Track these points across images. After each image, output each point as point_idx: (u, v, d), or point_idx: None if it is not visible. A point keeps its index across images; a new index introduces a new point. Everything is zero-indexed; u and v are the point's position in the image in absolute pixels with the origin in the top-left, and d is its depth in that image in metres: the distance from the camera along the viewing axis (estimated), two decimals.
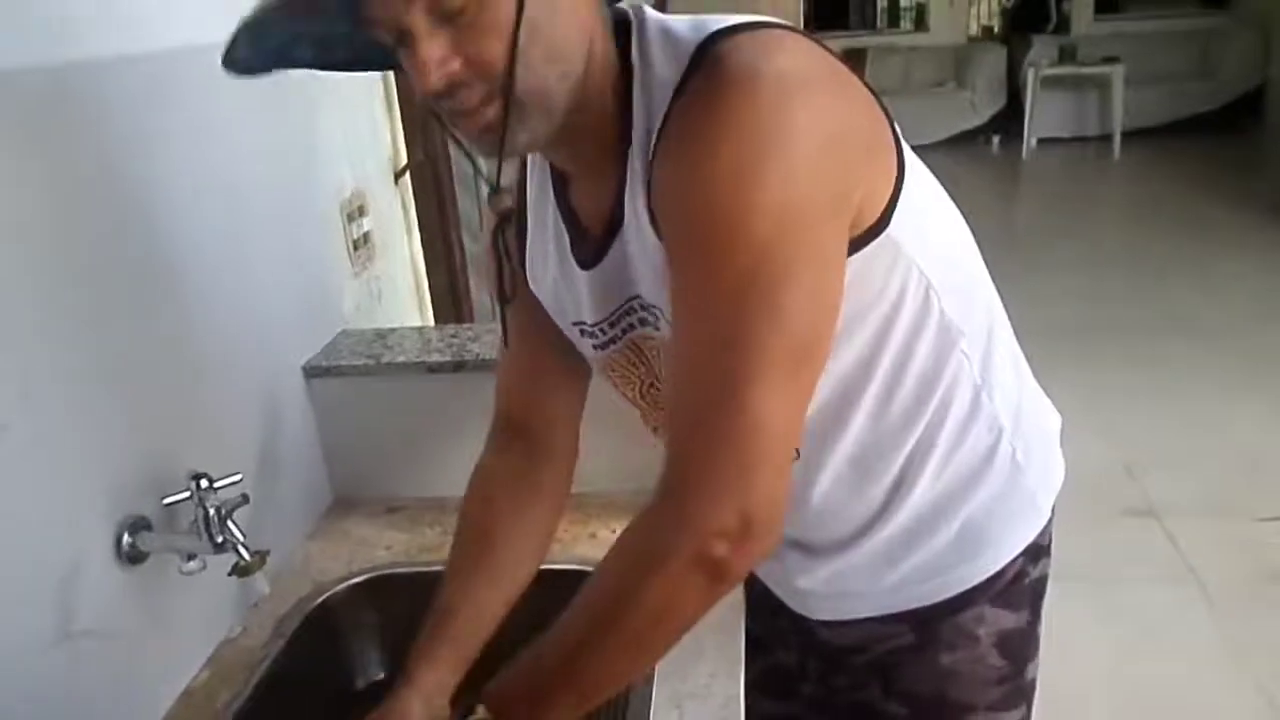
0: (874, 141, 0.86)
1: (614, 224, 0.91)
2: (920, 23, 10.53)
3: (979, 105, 9.48)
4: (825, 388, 0.94)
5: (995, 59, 9.56)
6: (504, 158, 0.85)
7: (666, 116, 0.81)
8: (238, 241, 1.32)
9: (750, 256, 0.76)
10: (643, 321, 0.97)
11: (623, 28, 0.88)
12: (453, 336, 1.62)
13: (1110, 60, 8.72)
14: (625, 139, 0.87)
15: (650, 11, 0.89)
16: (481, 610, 1.06)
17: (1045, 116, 9.10)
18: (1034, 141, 9.14)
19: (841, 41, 9.87)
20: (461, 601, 1.06)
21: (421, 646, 1.04)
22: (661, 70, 0.84)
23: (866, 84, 0.88)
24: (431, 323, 2.13)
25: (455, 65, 0.78)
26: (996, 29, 10.46)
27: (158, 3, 1.17)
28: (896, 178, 0.87)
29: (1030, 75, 8.89)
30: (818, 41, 0.86)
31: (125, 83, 1.11)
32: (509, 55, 0.77)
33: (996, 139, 9.55)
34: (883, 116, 0.88)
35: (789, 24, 0.86)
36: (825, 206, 0.79)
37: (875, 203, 0.86)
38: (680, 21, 0.86)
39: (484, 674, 0.93)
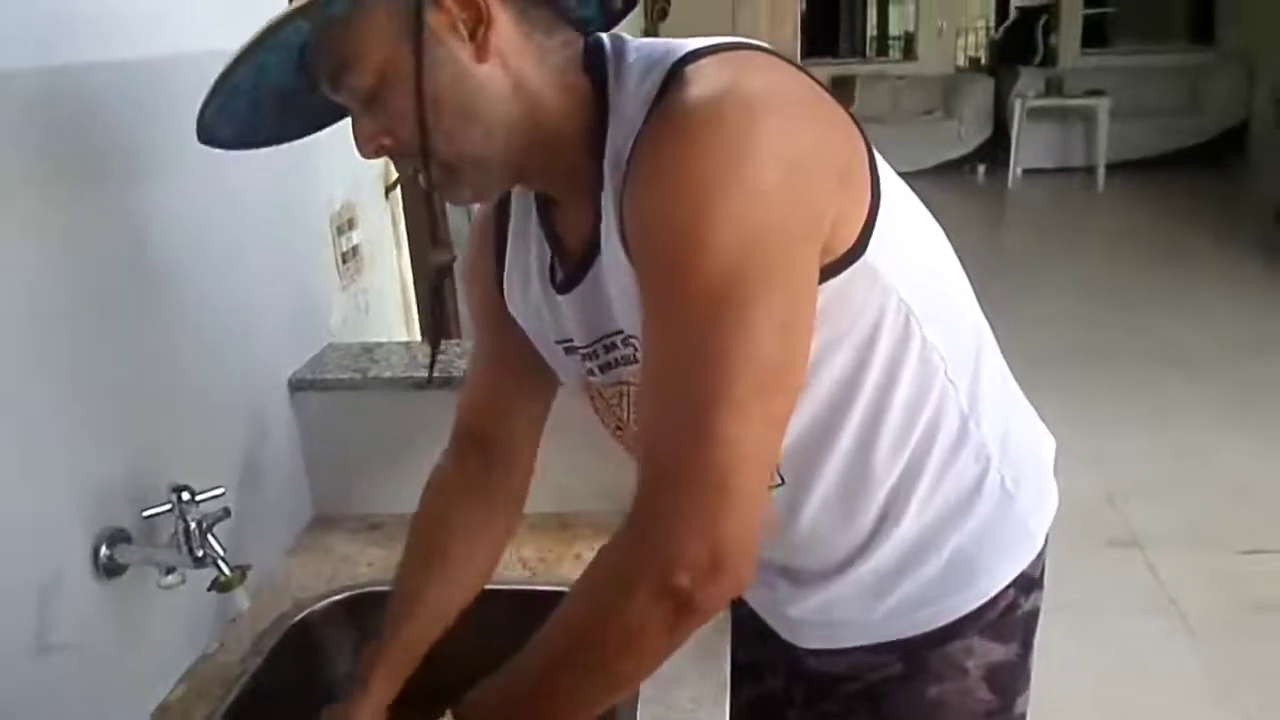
0: (847, 166, 0.85)
1: (592, 251, 0.91)
2: (909, 52, 10.65)
3: (965, 135, 9.57)
4: (807, 414, 0.93)
5: (982, 89, 9.67)
6: (458, 201, 0.92)
7: (635, 142, 0.81)
8: (226, 251, 1.31)
9: (716, 279, 0.75)
10: (622, 360, 0.96)
11: (600, 54, 0.88)
12: (440, 353, 1.60)
13: (1096, 93, 8.83)
14: (601, 166, 0.86)
15: (627, 38, 0.90)
16: (433, 618, 1.08)
17: (1031, 147, 9.19)
18: (1019, 171, 9.23)
19: (830, 69, 9.96)
20: (414, 609, 1.08)
21: (377, 654, 1.06)
22: (634, 95, 0.84)
23: (848, 110, 0.87)
24: (418, 337, 2.12)
25: (385, 140, 0.85)
26: (984, 60, 10.59)
27: (154, 9, 1.16)
28: (871, 203, 0.86)
29: (1017, 106, 8.98)
30: (793, 63, 0.86)
31: (118, 89, 1.10)
32: (420, 132, 0.82)
33: (982, 168, 9.64)
34: (859, 141, 0.87)
35: (764, 45, 0.86)
36: (793, 228, 0.78)
37: (849, 228, 0.85)
38: (656, 45, 0.86)
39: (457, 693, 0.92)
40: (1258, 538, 3.33)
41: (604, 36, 0.90)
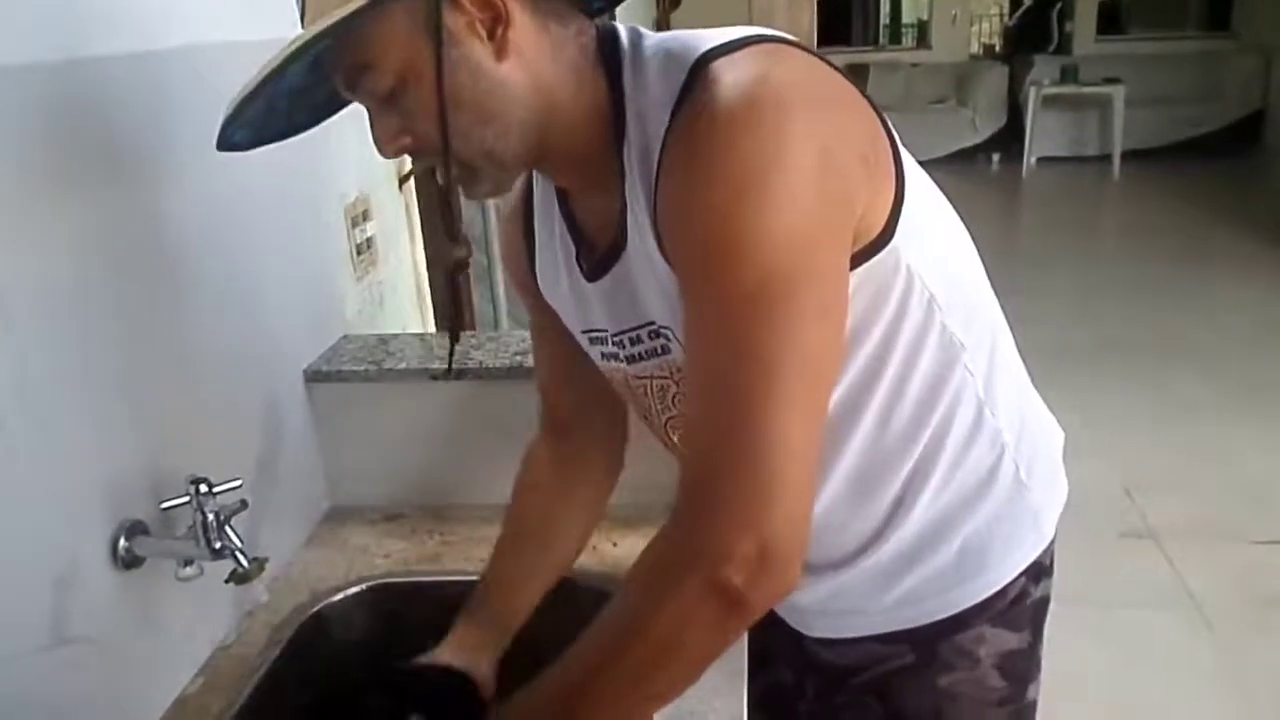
0: (873, 155, 0.85)
1: (617, 242, 0.91)
2: (922, 40, 10.59)
3: (979, 123, 9.51)
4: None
5: (996, 77, 9.59)
6: (476, 196, 0.92)
7: (665, 140, 0.81)
8: (241, 244, 1.31)
9: (757, 277, 0.76)
10: (657, 351, 0.96)
11: (614, 46, 0.88)
12: (456, 344, 1.60)
13: (1111, 80, 8.76)
14: (621, 159, 0.86)
15: (644, 31, 0.90)
16: (527, 590, 1.14)
17: (1045, 136, 9.14)
18: (1033, 160, 9.17)
19: (843, 57, 9.91)
20: (509, 579, 1.14)
21: (467, 615, 1.12)
22: (655, 91, 0.84)
23: (867, 98, 0.88)
24: (432, 329, 2.12)
25: (405, 140, 0.86)
26: (998, 47, 10.51)
27: (164, 1, 1.16)
28: (897, 190, 0.87)
29: (1031, 94, 8.92)
30: (816, 54, 0.85)
31: (131, 82, 1.09)
32: (440, 131, 0.82)
33: (996, 157, 9.57)
34: (882, 130, 0.87)
35: (786, 36, 0.85)
36: (826, 221, 0.79)
37: (876, 215, 0.85)
38: (675, 39, 0.86)
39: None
40: (1274, 528, 3.31)
41: (619, 27, 0.90)
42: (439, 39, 0.80)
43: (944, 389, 0.96)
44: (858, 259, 0.85)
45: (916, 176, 0.91)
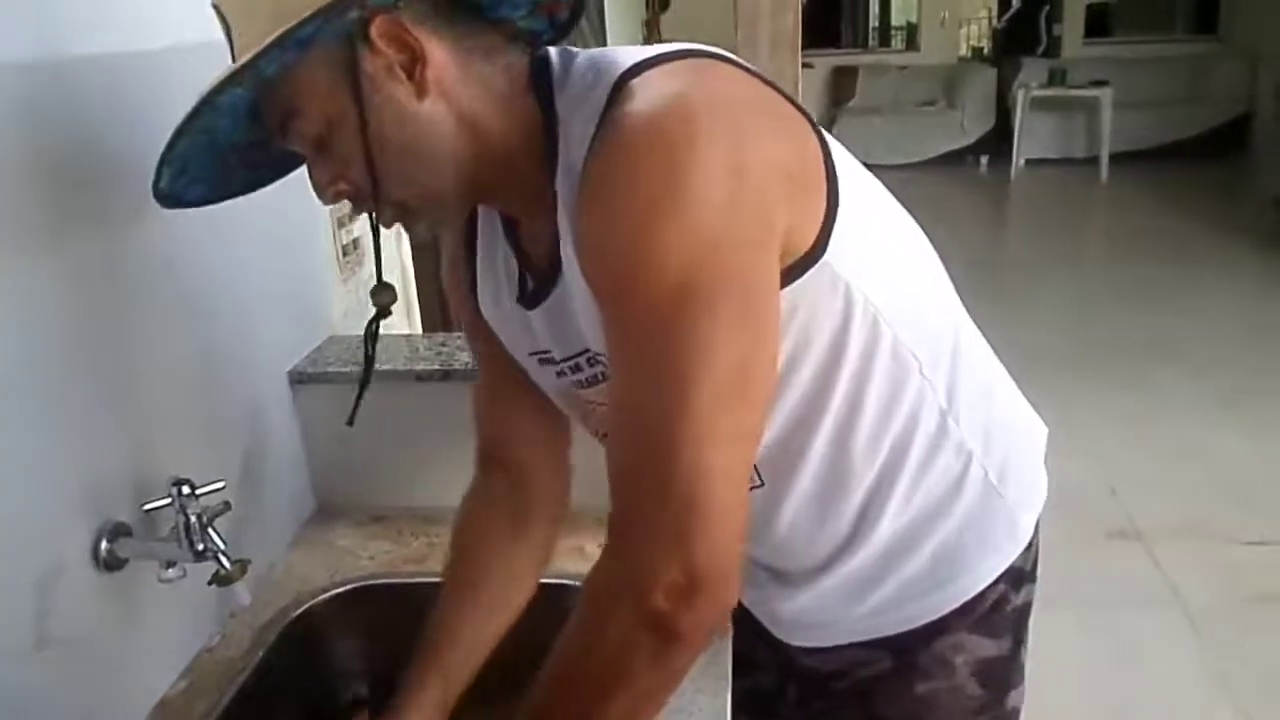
0: (800, 169, 0.83)
1: (555, 267, 0.90)
2: (911, 42, 10.61)
3: (968, 125, 9.54)
4: (781, 416, 0.93)
5: (985, 80, 9.63)
6: (417, 235, 0.93)
7: (585, 163, 0.80)
8: (226, 244, 1.30)
9: (664, 297, 0.74)
10: (597, 378, 0.95)
11: (545, 73, 0.87)
12: (441, 345, 1.60)
13: (1099, 83, 8.80)
14: (554, 185, 0.86)
15: (575, 51, 0.89)
16: (472, 644, 1.07)
17: (1033, 138, 9.17)
18: (1022, 162, 9.20)
19: (832, 59, 9.94)
20: (452, 634, 1.07)
21: (412, 677, 1.04)
22: (581, 111, 0.83)
23: (803, 110, 0.87)
24: (419, 330, 2.11)
25: (342, 185, 0.86)
26: (987, 50, 10.55)
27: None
28: (829, 205, 0.85)
29: (1020, 96, 8.96)
30: (743, 67, 0.84)
31: (117, 81, 1.09)
32: (369, 175, 0.83)
33: (984, 159, 9.60)
34: (811, 142, 0.86)
35: (720, 51, 0.85)
36: (740, 238, 0.77)
37: (805, 232, 0.83)
38: (603, 57, 0.85)
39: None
40: (1259, 529, 3.33)
41: (551, 52, 0.89)
42: (357, 84, 0.80)
43: (900, 401, 0.95)
44: (786, 276, 0.83)
45: (856, 188, 0.89)
